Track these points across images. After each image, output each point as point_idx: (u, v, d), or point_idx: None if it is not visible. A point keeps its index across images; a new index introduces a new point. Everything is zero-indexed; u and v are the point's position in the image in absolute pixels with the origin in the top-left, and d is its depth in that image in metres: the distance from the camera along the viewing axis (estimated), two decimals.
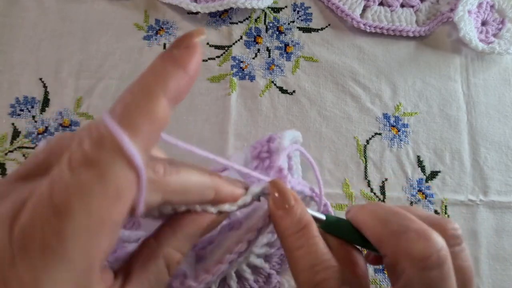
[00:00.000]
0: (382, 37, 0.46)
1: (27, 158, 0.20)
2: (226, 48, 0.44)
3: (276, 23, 0.45)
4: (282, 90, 0.43)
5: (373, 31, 0.45)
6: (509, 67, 0.46)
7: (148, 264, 0.19)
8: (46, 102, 0.41)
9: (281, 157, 0.27)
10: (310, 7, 0.46)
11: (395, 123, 0.43)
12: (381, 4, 0.46)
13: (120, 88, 0.42)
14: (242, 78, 0.43)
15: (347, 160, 0.41)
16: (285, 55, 0.44)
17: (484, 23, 0.47)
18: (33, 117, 0.40)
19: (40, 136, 0.40)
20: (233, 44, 0.44)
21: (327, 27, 0.45)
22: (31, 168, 0.18)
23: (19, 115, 0.40)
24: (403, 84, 0.44)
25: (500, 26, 0.46)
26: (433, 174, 0.42)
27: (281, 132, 0.31)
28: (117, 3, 0.44)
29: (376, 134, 0.43)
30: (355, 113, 0.43)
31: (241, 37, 0.44)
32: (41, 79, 0.42)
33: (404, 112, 0.44)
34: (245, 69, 0.43)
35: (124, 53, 0.43)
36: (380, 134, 0.43)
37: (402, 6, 0.46)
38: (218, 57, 0.44)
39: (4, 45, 0.42)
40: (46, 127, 0.40)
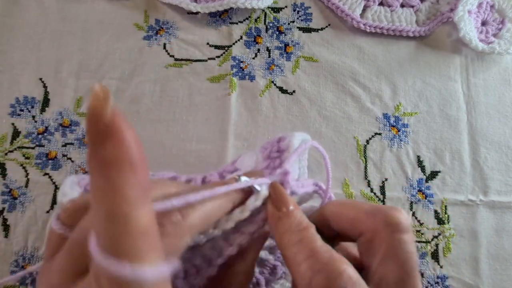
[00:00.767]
0: (382, 37, 0.46)
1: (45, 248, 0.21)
2: (226, 48, 0.44)
3: (276, 23, 0.45)
4: (282, 90, 0.43)
5: (373, 31, 0.45)
6: (509, 67, 0.46)
7: None
8: (46, 102, 0.41)
9: (291, 159, 0.27)
10: (310, 7, 0.46)
11: (395, 123, 0.43)
12: (381, 4, 0.46)
13: (120, 88, 0.42)
14: (242, 78, 0.43)
15: (347, 160, 0.41)
16: (285, 55, 0.44)
17: (484, 23, 0.47)
18: (33, 117, 0.40)
19: (40, 136, 0.40)
20: (233, 44, 0.44)
21: (327, 27, 0.45)
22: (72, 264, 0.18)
23: (19, 115, 0.40)
24: (403, 84, 0.44)
25: (500, 26, 0.46)
26: (433, 174, 0.42)
27: (291, 133, 0.31)
28: (117, 3, 0.44)
29: (376, 134, 0.43)
30: (355, 113, 0.43)
31: (241, 37, 0.44)
32: (41, 79, 0.42)
33: (404, 112, 0.44)
34: (245, 69, 0.43)
35: (124, 53, 0.43)
36: (380, 134, 0.43)
37: (402, 6, 0.46)
38: (218, 57, 0.44)
39: (4, 45, 0.42)
40: (46, 127, 0.40)
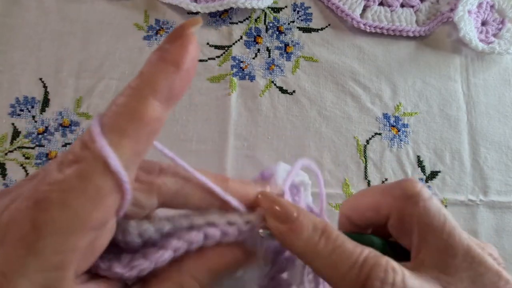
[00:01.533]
0: (382, 37, 0.46)
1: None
2: (226, 48, 0.44)
3: (276, 23, 0.45)
4: (282, 90, 0.43)
5: (373, 31, 0.45)
6: (509, 67, 0.46)
7: (162, 287, 0.19)
8: (46, 102, 0.41)
9: (286, 181, 0.24)
10: (310, 7, 0.46)
11: (395, 123, 0.43)
12: (381, 4, 0.46)
13: (120, 88, 0.42)
14: (242, 78, 0.43)
15: (347, 160, 0.41)
16: (285, 55, 0.44)
17: (484, 23, 0.47)
18: (33, 117, 0.40)
19: (40, 136, 0.40)
20: (233, 44, 0.44)
21: (327, 27, 0.45)
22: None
23: (19, 115, 0.40)
24: (403, 84, 0.44)
25: (500, 26, 0.46)
26: (433, 174, 0.42)
27: (275, 164, 0.29)
28: (117, 3, 0.44)
29: (376, 134, 0.43)
30: (355, 113, 0.43)
31: (241, 37, 0.44)
32: (41, 79, 0.42)
33: (404, 112, 0.44)
34: (245, 69, 0.43)
35: (124, 53, 0.43)
36: (380, 134, 0.43)
37: (402, 6, 0.46)
38: (218, 57, 0.44)
39: (4, 45, 0.42)
40: (46, 127, 0.40)
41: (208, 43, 0.44)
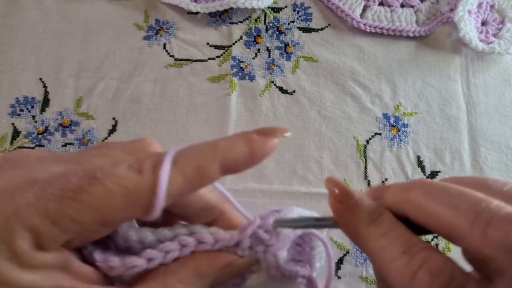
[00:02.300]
0: (382, 37, 0.46)
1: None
2: (226, 48, 0.44)
3: (276, 23, 0.45)
4: (282, 90, 0.43)
5: (373, 31, 0.45)
6: (509, 67, 0.46)
7: (145, 285, 0.20)
8: (46, 102, 0.41)
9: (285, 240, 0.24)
10: (310, 7, 0.46)
11: (395, 123, 0.43)
12: (381, 4, 0.46)
13: (120, 88, 0.42)
14: (242, 78, 0.43)
15: (347, 160, 0.41)
16: (285, 55, 0.44)
17: (484, 23, 0.47)
18: (33, 117, 0.40)
19: (40, 136, 0.40)
20: (233, 44, 0.44)
21: (327, 27, 0.45)
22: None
23: (19, 115, 0.40)
24: (403, 84, 0.44)
25: (500, 26, 0.46)
26: (433, 174, 0.42)
27: (290, 207, 0.28)
28: (117, 3, 0.44)
29: (376, 134, 0.43)
30: (355, 113, 0.43)
31: (241, 37, 0.44)
32: (41, 79, 0.42)
33: (404, 112, 0.44)
34: (245, 69, 0.43)
35: (124, 53, 0.43)
36: (380, 134, 0.43)
37: (402, 6, 0.46)
38: (218, 57, 0.44)
39: (4, 45, 0.42)
40: (46, 127, 0.40)
41: (208, 43, 0.44)
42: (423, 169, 0.42)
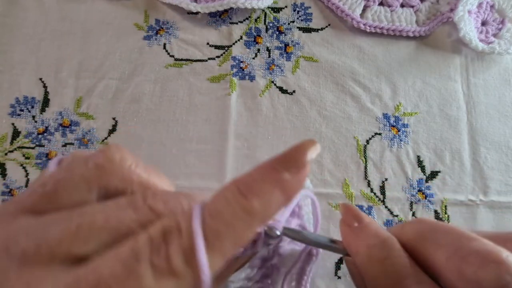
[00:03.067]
0: (382, 37, 0.46)
1: (33, 183, 0.19)
2: (226, 48, 0.44)
3: (276, 23, 0.45)
4: (282, 90, 0.43)
5: (373, 31, 0.45)
6: (509, 67, 0.46)
7: None
8: (46, 102, 0.41)
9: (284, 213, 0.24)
10: (310, 7, 0.46)
11: (395, 123, 0.43)
12: (381, 4, 0.46)
13: (120, 88, 0.42)
14: (242, 78, 0.43)
15: (347, 160, 0.41)
16: (285, 55, 0.44)
17: (484, 23, 0.47)
18: (33, 117, 0.40)
19: (40, 136, 0.40)
20: (233, 44, 0.44)
21: (327, 27, 0.45)
22: (37, 200, 0.17)
23: (19, 115, 0.40)
24: (403, 84, 0.44)
25: (500, 26, 0.46)
26: (433, 174, 0.42)
27: None
28: (117, 3, 0.44)
29: (376, 134, 0.43)
30: (355, 113, 0.43)
31: (241, 37, 0.44)
32: (41, 79, 0.42)
33: (404, 112, 0.44)
34: (245, 69, 0.43)
35: (124, 53, 0.43)
36: (380, 134, 0.43)
37: (402, 6, 0.46)
38: (218, 57, 0.44)
39: (4, 45, 0.42)
40: (46, 127, 0.40)
41: (208, 43, 0.44)
42: (423, 169, 0.42)
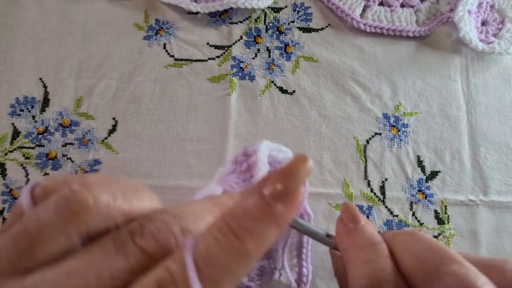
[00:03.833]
0: (382, 37, 0.46)
1: (5, 224, 0.18)
2: (226, 48, 0.44)
3: (276, 23, 0.45)
4: (282, 90, 0.43)
5: (373, 31, 0.45)
6: (509, 67, 0.46)
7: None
8: (46, 102, 0.41)
9: (259, 167, 0.25)
10: (310, 7, 0.46)
11: (395, 123, 0.43)
12: (381, 4, 0.46)
13: (120, 88, 0.42)
14: (242, 78, 0.43)
15: (347, 160, 0.41)
16: (285, 55, 0.44)
17: (484, 23, 0.47)
18: (33, 117, 0.40)
19: (40, 136, 0.40)
20: (233, 44, 0.44)
21: (327, 27, 0.45)
22: (16, 260, 0.16)
23: (19, 115, 0.40)
24: (403, 84, 0.44)
25: (500, 26, 0.46)
26: (433, 174, 0.42)
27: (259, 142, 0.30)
28: (117, 3, 0.44)
29: (376, 134, 0.43)
30: (355, 113, 0.43)
31: (241, 37, 0.44)
32: (41, 79, 0.42)
33: (404, 112, 0.44)
34: (245, 69, 0.43)
35: (124, 53, 0.43)
36: (380, 134, 0.43)
37: (402, 6, 0.46)
38: (218, 57, 0.44)
39: (4, 45, 0.42)
40: (46, 127, 0.40)
41: (208, 43, 0.44)
42: (423, 169, 0.42)
